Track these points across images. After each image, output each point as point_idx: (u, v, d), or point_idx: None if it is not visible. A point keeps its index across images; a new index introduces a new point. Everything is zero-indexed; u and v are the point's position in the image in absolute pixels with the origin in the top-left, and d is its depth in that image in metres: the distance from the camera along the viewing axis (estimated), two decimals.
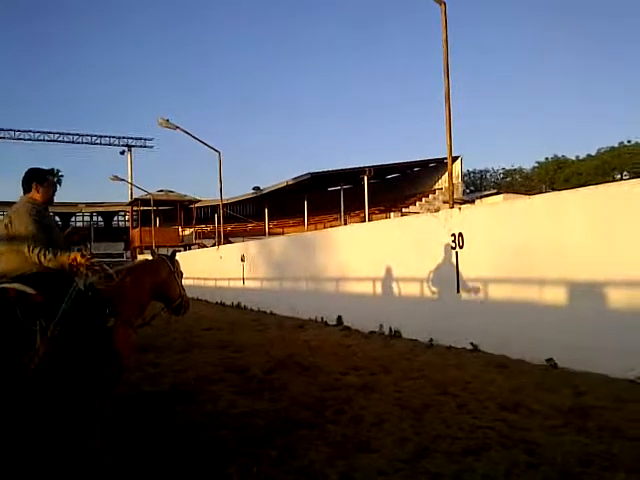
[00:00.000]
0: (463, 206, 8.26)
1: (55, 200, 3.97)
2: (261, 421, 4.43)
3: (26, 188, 3.78)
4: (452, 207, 8.24)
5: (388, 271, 8.83)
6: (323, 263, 10.91)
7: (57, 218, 61.33)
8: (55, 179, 3.92)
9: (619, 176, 48.17)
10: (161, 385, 5.81)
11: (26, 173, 3.82)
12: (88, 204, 59.86)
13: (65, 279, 3.53)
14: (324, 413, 4.61)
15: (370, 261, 9.36)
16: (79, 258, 3.48)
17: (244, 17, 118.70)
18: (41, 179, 3.77)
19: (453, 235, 7.37)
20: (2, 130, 51.99)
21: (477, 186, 60.52)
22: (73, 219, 62.00)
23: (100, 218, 63.42)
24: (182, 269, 4.75)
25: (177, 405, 5.02)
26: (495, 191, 39.96)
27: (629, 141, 51.86)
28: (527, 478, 3.16)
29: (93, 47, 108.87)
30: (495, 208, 7.54)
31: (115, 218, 63.60)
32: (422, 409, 4.61)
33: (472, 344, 6.89)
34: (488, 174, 65.67)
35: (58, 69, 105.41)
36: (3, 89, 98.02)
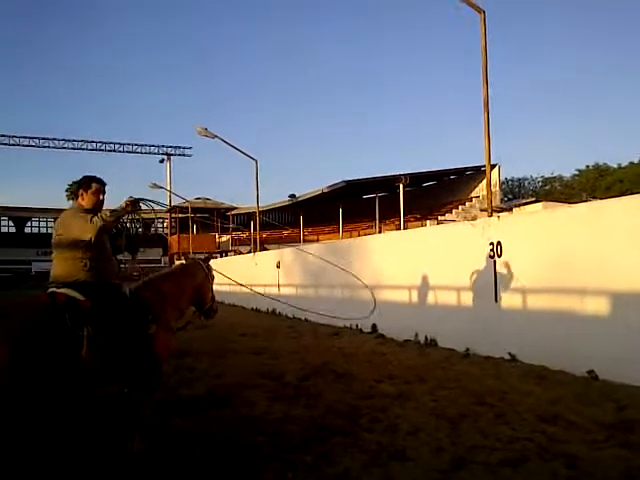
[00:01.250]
0: (502, 214, 8.16)
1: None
2: (296, 427, 4.45)
3: (75, 196, 3.91)
4: (490, 215, 8.15)
5: (424, 279, 8.77)
6: (358, 271, 10.86)
7: None
8: (103, 186, 3.99)
9: None
10: (197, 389, 5.89)
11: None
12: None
13: (112, 287, 3.64)
14: (359, 421, 4.60)
15: (406, 269, 9.30)
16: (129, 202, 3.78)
17: (279, 22, 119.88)
18: (87, 186, 3.88)
19: (491, 244, 7.27)
20: (46, 139, 53.70)
21: (515, 194, 59.56)
22: None
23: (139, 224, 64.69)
24: (214, 273, 4.83)
25: (213, 410, 5.08)
26: (534, 199, 39.14)
27: None
28: None
29: (132, 55, 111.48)
30: (535, 217, 7.40)
31: (153, 225, 64.88)
32: (458, 419, 4.55)
33: (510, 354, 6.77)
34: (526, 182, 64.63)
35: (98, 78, 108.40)
36: (45, 97, 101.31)
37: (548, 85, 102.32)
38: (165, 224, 55.41)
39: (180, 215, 43.46)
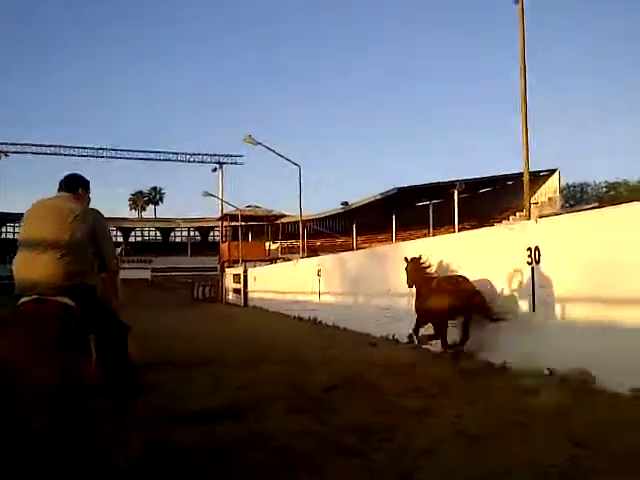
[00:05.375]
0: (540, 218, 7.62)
1: (156, 215, 3.96)
2: (305, 445, 4.18)
3: (75, 191, 3.62)
4: (529, 218, 7.65)
5: None
6: (395, 278, 10.51)
7: (158, 233, 65.14)
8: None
9: None
10: (215, 401, 5.68)
11: (70, 176, 3.73)
12: (185, 220, 62.67)
13: (90, 290, 3.43)
14: (371, 439, 4.29)
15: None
16: None
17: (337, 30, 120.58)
18: (89, 188, 3.77)
19: (529, 249, 6.77)
20: (104, 150, 55.38)
21: (577, 200, 57.17)
22: (172, 234, 65.15)
23: (197, 233, 66.08)
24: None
25: (224, 422, 4.88)
26: (597, 205, 37.48)
27: None
28: None
29: (184, 67, 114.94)
30: (578, 218, 6.81)
31: (211, 233, 65.92)
32: (479, 437, 4.17)
33: (548, 368, 6.25)
34: (589, 188, 61.85)
35: (153, 91, 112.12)
36: (103, 110, 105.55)
37: (610, 87, 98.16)
38: (217, 232, 56.26)
39: (232, 223, 44.04)
